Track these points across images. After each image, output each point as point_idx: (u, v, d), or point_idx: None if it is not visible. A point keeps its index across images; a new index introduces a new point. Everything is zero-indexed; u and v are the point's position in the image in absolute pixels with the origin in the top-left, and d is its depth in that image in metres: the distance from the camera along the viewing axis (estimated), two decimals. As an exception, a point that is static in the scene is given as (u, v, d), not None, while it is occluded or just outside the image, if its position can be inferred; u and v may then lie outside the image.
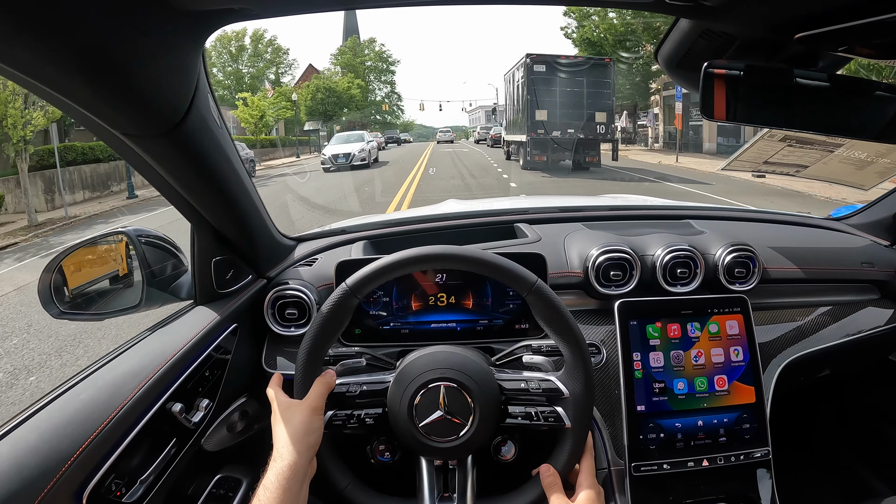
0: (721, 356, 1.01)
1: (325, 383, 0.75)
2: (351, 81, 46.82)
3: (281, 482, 0.66)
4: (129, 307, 0.98)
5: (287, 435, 0.70)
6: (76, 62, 0.49)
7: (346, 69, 50.39)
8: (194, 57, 0.60)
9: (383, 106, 52.66)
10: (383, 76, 55.05)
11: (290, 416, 0.72)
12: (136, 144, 0.66)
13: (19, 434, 0.66)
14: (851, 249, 1.27)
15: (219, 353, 0.93)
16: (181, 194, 0.81)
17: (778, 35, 0.70)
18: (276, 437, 0.71)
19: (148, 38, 0.52)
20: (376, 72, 53.85)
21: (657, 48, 0.86)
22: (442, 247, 0.77)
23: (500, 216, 1.36)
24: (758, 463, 0.99)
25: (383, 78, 55.05)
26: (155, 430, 0.77)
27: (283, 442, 0.70)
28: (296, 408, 0.73)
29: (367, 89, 51.97)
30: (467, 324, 1.00)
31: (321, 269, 1.12)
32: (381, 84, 55.01)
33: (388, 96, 56.48)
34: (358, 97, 47.75)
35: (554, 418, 0.76)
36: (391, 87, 55.27)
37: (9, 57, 0.48)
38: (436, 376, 0.75)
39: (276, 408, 0.75)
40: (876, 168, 1.44)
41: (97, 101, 0.56)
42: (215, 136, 0.75)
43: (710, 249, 1.11)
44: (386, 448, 0.83)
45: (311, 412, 0.72)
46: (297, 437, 0.70)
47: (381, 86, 55.13)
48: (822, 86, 0.76)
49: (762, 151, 1.30)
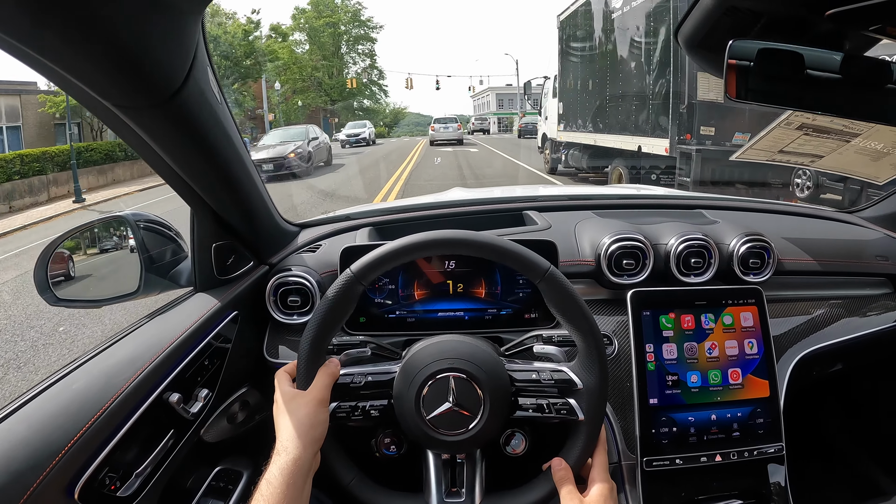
0: (735, 348, 0.98)
1: (329, 374, 0.73)
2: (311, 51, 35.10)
3: (285, 476, 0.64)
4: (128, 294, 0.95)
5: (292, 428, 0.67)
6: (63, 24, 0.46)
7: (310, 37, 37.83)
8: (193, 23, 0.57)
9: (348, 82, 37.27)
10: (359, 44, 40.68)
11: (294, 409, 0.69)
12: (128, 117, 0.62)
13: (8, 426, 0.63)
14: (865, 242, 1.25)
15: (219, 342, 0.90)
16: (179, 175, 0.78)
17: (808, 11, 0.66)
18: (279, 430, 0.69)
19: (142, 1, 0.48)
20: (351, 40, 40.22)
21: (677, 27, 0.82)
22: (452, 231, 0.74)
23: (509, 203, 1.33)
24: (770, 458, 0.97)
25: (359, 47, 40.72)
26: (151, 421, 0.74)
27: (288, 435, 0.67)
28: (300, 399, 0.70)
29: (340, 60, 39.02)
30: (475, 313, 0.97)
31: (325, 255, 1.09)
32: (358, 56, 40.95)
33: (367, 73, 41.66)
34: (322, 76, 36.30)
35: (566, 411, 0.73)
36: (371, 59, 41.11)
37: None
38: (444, 367, 0.72)
39: (279, 399, 0.72)
40: (891, 159, 1.41)
41: (87, 68, 0.52)
42: (214, 111, 0.71)
43: (725, 239, 1.08)
44: (392, 441, 0.80)
45: (316, 404, 0.70)
46: (302, 431, 0.67)
47: (357, 58, 41.03)
48: (841, 68, 0.73)
49: (778, 140, 1.27)
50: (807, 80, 0.74)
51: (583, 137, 8.26)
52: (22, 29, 0.46)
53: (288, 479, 0.64)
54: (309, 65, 36.91)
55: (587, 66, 8.02)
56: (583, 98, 8.23)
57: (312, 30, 37.66)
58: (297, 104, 35.67)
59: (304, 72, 36.11)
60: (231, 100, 18.09)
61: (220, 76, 0.73)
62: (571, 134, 8.80)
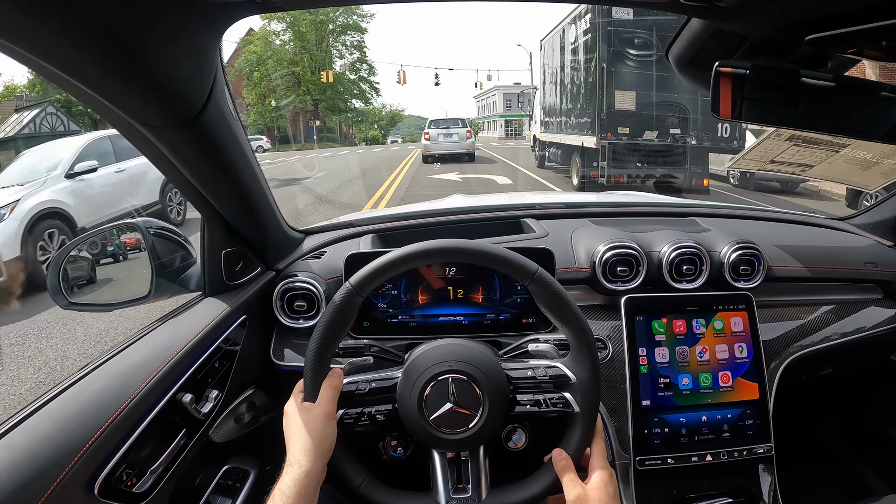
0: (725, 353, 1.02)
1: (333, 387, 0.76)
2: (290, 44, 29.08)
3: (298, 488, 0.67)
4: (138, 298, 0.98)
5: (302, 442, 0.71)
6: (98, 50, 0.49)
7: (292, 25, 31.99)
8: (213, 48, 0.61)
9: (323, 75, 30.28)
10: (346, 35, 34.47)
11: (304, 423, 0.73)
12: (154, 135, 0.66)
13: (32, 423, 0.66)
14: (855, 249, 1.28)
15: (228, 345, 0.94)
16: (194, 186, 0.82)
17: (788, 36, 0.70)
18: (290, 443, 0.72)
19: (170, 28, 0.52)
20: (337, 29, 33.81)
21: (668, 47, 0.86)
22: (443, 241, 0.77)
23: (508, 211, 1.37)
24: (760, 459, 1.00)
25: (346, 38, 34.61)
26: (165, 421, 0.78)
27: (300, 448, 0.71)
28: (310, 413, 0.74)
29: (325, 53, 32.70)
30: (475, 317, 1.00)
31: (330, 261, 1.13)
32: (345, 48, 34.99)
33: (355, 68, 35.48)
34: (303, 72, 30.97)
35: (562, 404, 0.77)
36: (360, 52, 35.28)
37: (31, 44, 0.48)
38: (444, 369, 0.76)
39: (290, 412, 0.75)
40: (881, 169, 1.44)
41: (118, 91, 0.56)
42: (231, 128, 0.75)
43: (716, 247, 1.12)
44: (398, 443, 0.84)
45: (325, 418, 0.73)
46: (313, 444, 0.71)
47: (343, 50, 35.12)
48: (828, 86, 0.76)
49: (768, 150, 1.30)
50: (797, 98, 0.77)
51: (555, 137, 10.67)
52: (58, 52, 0.50)
53: (300, 490, 0.67)
54: (287, 58, 32.17)
55: (555, 82, 10.52)
56: (554, 107, 10.70)
57: (291, 16, 31.55)
58: (270, 106, 31.65)
59: (280, 66, 31.67)
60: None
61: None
62: (549, 135, 11.23)
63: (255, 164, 0.89)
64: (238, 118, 0.78)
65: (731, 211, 1.41)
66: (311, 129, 33.33)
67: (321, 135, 33.78)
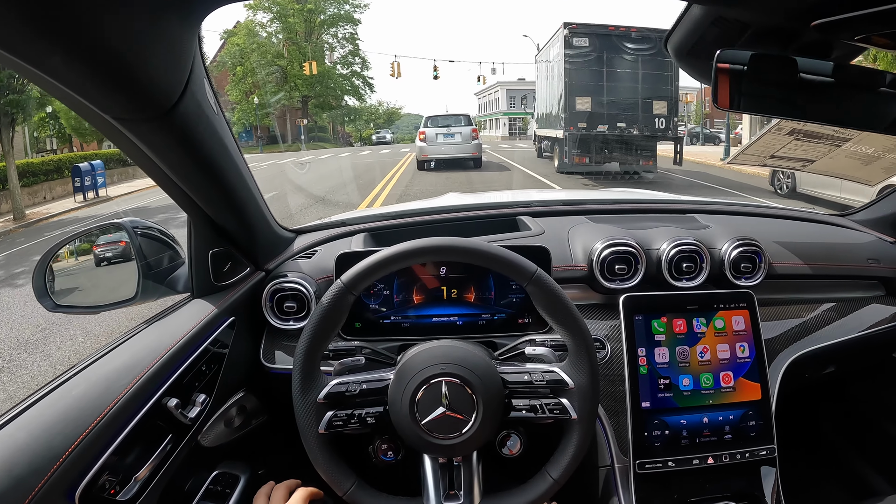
0: (727, 352, 0.99)
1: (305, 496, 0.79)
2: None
3: None
4: (125, 300, 0.96)
5: None
6: (65, 41, 0.47)
7: (279, 15, 29.17)
8: (189, 39, 0.58)
9: (307, 67, 26.66)
10: (338, 26, 31.46)
11: None
12: (128, 129, 0.64)
13: (8, 432, 0.64)
14: (857, 246, 1.26)
15: (216, 347, 0.91)
16: (177, 184, 0.79)
17: (794, 22, 0.68)
18: None
19: (141, 17, 0.50)
20: (328, 21, 30.78)
21: (667, 36, 0.83)
22: (439, 238, 0.75)
23: (503, 209, 1.34)
24: (762, 461, 0.98)
25: (338, 30, 31.60)
26: (150, 426, 0.75)
27: None
28: None
29: (314, 45, 30.04)
30: (469, 318, 0.98)
31: (320, 261, 1.10)
32: (336, 41, 31.99)
33: (347, 62, 32.49)
34: (289, 66, 28.31)
35: (559, 410, 0.74)
36: (353, 45, 32.30)
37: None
38: (437, 372, 0.73)
39: None
40: (882, 164, 1.42)
41: (87, 83, 0.53)
42: (211, 123, 0.72)
43: (716, 244, 1.09)
44: (389, 447, 0.81)
45: None
46: None
47: (335, 43, 32.11)
48: (830, 77, 0.74)
49: (769, 145, 1.28)
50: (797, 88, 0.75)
51: (544, 132, 13.63)
52: (22, 44, 0.47)
53: None
54: (272, 51, 29.24)
55: (543, 87, 13.42)
56: (543, 107, 13.49)
57: (278, 6, 28.98)
58: (254, 104, 28.42)
59: (265, 59, 28.83)
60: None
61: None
62: (542, 130, 14.15)
63: (241, 162, 0.86)
64: (221, 113, 0.76)
65: (731, 207, 1.39)
66: (299, 129, 31.03)
67: (311, 134, 31.64)
